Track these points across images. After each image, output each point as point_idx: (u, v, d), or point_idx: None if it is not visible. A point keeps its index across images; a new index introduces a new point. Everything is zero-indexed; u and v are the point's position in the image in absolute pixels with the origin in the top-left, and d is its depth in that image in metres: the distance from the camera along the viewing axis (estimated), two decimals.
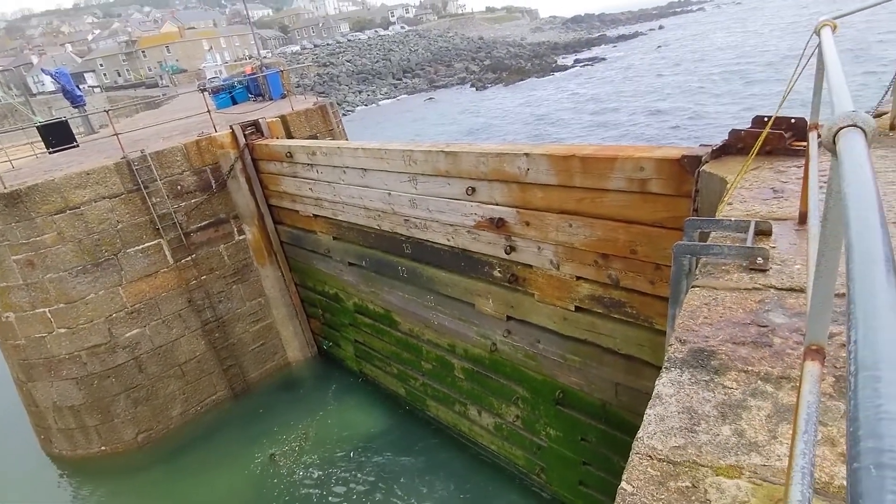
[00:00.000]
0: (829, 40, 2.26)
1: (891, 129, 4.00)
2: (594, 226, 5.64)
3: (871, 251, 0.53)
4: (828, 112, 1.74)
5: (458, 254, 7.68)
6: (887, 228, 0.63)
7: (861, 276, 0.49)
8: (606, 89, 40.27)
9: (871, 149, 0.95)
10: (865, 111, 3.53)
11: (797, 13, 70.13)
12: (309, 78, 73.60)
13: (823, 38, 2.32)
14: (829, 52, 2.00)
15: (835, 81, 1.45)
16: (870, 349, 0.40)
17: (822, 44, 2.25)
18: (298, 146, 10.13)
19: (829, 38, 2.31)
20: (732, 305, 2.23)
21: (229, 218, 11.97)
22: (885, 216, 0.65)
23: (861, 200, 0.71)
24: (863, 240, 0.58)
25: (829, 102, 1.69)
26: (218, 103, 20.95)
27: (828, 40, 2.26)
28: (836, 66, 1.71)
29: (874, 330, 0.45)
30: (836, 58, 1.85)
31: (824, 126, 1.02)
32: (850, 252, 0.57)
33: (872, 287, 0.46)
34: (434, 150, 7.13)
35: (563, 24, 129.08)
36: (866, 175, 0.77)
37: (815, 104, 2.52)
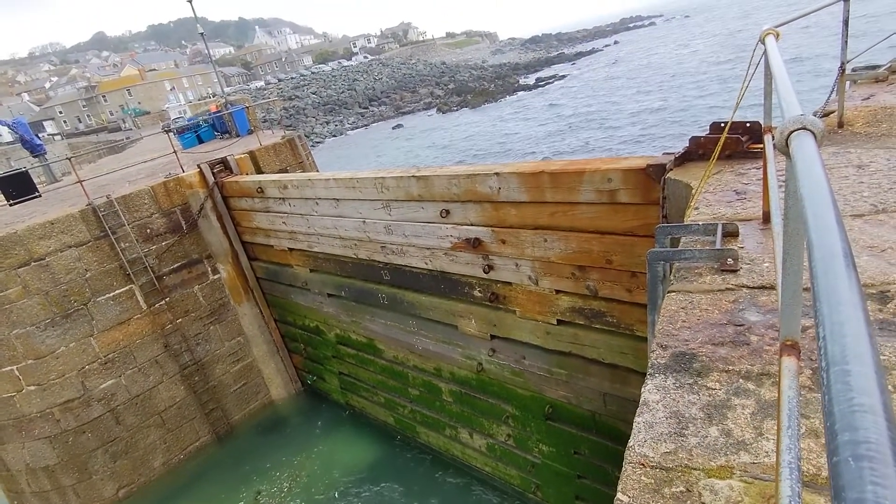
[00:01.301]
0: (773, 47, 2.36)
1: (839, 127, 4.18)
2: (568, 239, 5.71)
3: (831, 248, 0.55)
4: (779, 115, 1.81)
5: (437, 276, 7.68)
6: (843, 225, 0.66)
7: (823, 273, 0.52)
8: (569, 104, 41.20)
9: (821, 148, 0.99)
10: (813, 112, 3.68)
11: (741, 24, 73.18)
12: (275, 112, 73.56)
13: (768, 46, 2.42)
14: (774, 59, 2.10)
15: (782, 87, 1.51)
16: (838, 345, 0.42)
17: (767, 51, 2.35)
18: (269, 181, 10.08)
19: (773, 45, 2.42)
20: (708, 307, 2.28)
21: (202, 258, 11.78)
22: (839, 212, 0.69)
23: (817, 200, 0.74)
24: (822, 237, 0.61)
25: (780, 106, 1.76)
26: (184, 143, 20.76)
27: (772, 47, 2.36)
28: (781, 71, 1.80)
29: (840, 325, 0.47)
30: (781, 63, 1.94)
31: (776, 130, 1.07)
32: (811, 250, 0.59)
33: (835, 284, 0.49)
34: (405, 175, 7.17)
35: (522, 45, 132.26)
36: (819, 175, 0.80)
37: (767, 108, 2.62)
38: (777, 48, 2.41)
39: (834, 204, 0.74)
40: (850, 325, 0.46)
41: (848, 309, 0.45)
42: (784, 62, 2.21)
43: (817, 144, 0.95)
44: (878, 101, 4.68)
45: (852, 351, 0.41)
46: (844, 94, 4.37)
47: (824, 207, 0.67)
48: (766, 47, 2.45)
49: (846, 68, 4.25)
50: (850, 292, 0.47)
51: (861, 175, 3.22)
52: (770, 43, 2.47)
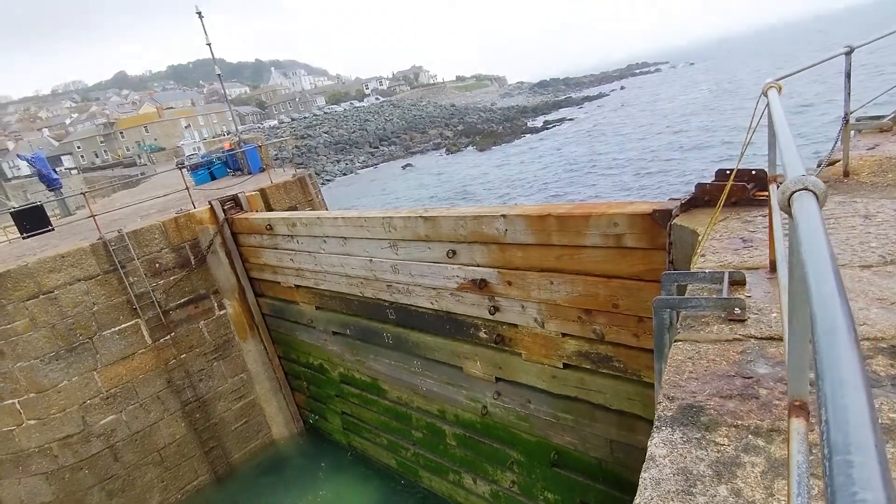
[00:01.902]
0: (775, 100, 2.40)
1: (845, 176, 4.20)
2: (575, 282, 5.69)
3: (833, 323, 0.55)
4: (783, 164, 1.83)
5: (442, 317, 7.64)
6: (846, 296, 0.66)
7: (827, 352, 0.51)
8: (576, 148, 41.77)
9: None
10: (818, 162, 3.71)
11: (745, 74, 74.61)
12: (287, 150, 75.07)
13: (770, 99, 2.46)
14: (776, 112, 2.13)
15: (784, 142, 1.53)
16: (840, 432, 0.41)
17: (769, 104, 2.39)
18: (278, 218, 10.19)
19: (775, 98, 2.46)
20: (716, 358, 2.24)
21: (209, 293, 11.82)
22: (842, 282, 0.68)
23: (819, 268, 0.74)
24: (824, 311, 0.61)
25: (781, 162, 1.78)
26: (197, 179, 21.17)
27: (774, 100, 2.41)
28: (783, 125, 1.82)
29: (843, 409, 0.46)
30: (782, 117, 1.97)
31: (778, 189, 1.08)
32: (814, 324, 0.59)
33: (838, 364, 0.48)
34: (413, 215, 7.23)
35: (530, 89, 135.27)
36: (821, 241, 0.80)
37: (772, 158, 2.64)
38: (779, 101, 2.45)
39: (836, 273, 0.74)
40: (854, 409, 0.45)
41: (851, 392, 0.44)
42: (788, 113, 2.25)
43: (819, 206, 0.96)
44: (884, 150, 4.71)
45: (855, 440, 0.40)
46: (849, 144, 4.41)
47: (826, 276, 0.66)
48: (769, 100, 2.49)
49: (850, 118, 4.30)
50: (853, 374, 0.46)
51: (868, 225, 3.22)
52: (772, 96, 2.52)
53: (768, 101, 2.49)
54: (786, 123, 1.88)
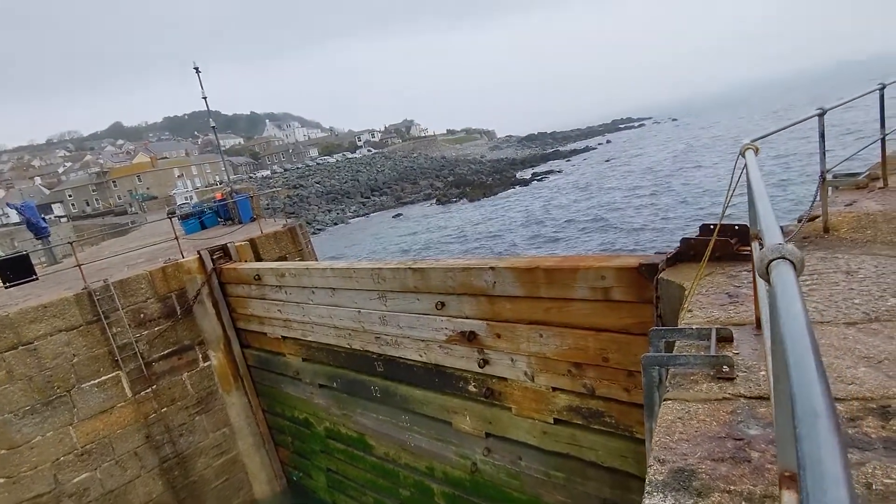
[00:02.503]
0: (752, 162, 2.48)
1: (825, 232, 4.28)
2: (564, 335, 5.66)
3: (814, 410, 0.54)
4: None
5: (431, 370, 7.52)
6: (825, 375, 0.66)
7: (807, 441, 0.51)
8: (563, 200, 42.49)
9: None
10: (799, 218, 3.78)
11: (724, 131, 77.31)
12: (279, 200, 75.69)
13: (748, 160, 2.55)
14: (753, 174, 2.20)
15: (762, 207, 1.57)
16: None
17: (747, 165, 2.47)
18: (267, 268, 10.15)
19: (752, 159, 2.54)
20: (706, 418, 2.21)
21: (194, 344, 11.59)
22: (820, 359, 0.69)
23: (798, 348, 0.74)
24: (803, 390, 0.60)
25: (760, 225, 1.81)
26: (187, 229, 21.15)
27: (752, 162, 2.49)
28: (760, 188, 1.87)
29: (823, 493, 0.45)
30: (759, 180, 2.03)
31: (757, 257, 1.10)
32: (794, 405, 0.59)
33: (819, 456, 0.47)
34: (402, 267, 7.24)
35: (518, 143, 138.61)
36: (799, 315, 0.81)
37: (752, 216, 2.69)
38: (755, 162, 2.53)
39: (815, 351, 0.74)
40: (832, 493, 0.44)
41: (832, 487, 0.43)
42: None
43: (797, 274, 0.98)
44: (861, 207, 4.84)
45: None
46: (828, 200, 4.52)
47: (806, 357, 0.67)
48: (746, 161, 2.57)
49: (827, 176, 4.43)
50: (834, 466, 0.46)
51: (850, 281, 3.26)
52: (750, 157, 2.60)
53: (746, 162, 2.57)
54: (762, 186, 1.94)
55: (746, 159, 2.61)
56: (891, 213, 4.49)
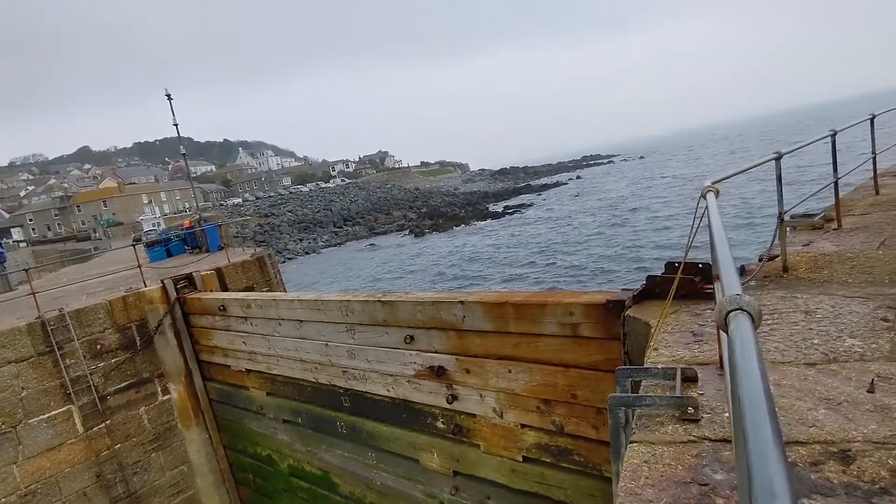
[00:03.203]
0: (713, 205, 2.54)
1: (784, 272, 4.40)
2: (533, 371, 5.62)
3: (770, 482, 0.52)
4: None
5: (399, 405, 7.36)
6: (781, 441, 0.64)
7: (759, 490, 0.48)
8: (534, 233, 43.03)
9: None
10: (760, 256, 3.85)
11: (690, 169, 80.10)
12: (250, 228, 74.70)
13: (709, 203, 2.60)
14: (713, 217, 2.24)
15: (720, 254, 1.59)
16: None
17: (708, 208, 2.52)
18: (232, 299, 9.90)
19: (713, 202, 2.60)
20: (671, 462, 2.19)
21: (153, 377, 11.14)
22: (774, 410, 0.67)
23: (753, 399, 0.73)
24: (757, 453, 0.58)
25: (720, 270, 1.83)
26: (152, 257, 20.62)
27: (712, 205, 2.54)
28: (720, 233, 1.90)
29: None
30: (719, 224, 2.06)
31: (716, 307, 1.10)
32: (750, 478, 0.56)
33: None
34: (371, 299, 7.14)
35: (491, 176, 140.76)
36: (755, 371, 0.80)
37: (714, 258, 2.74)
38: (715, 204, 2.59)
39: (769, 403, 0.73)
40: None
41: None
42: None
43: (754, 327, 0.97)
44: (817, 247, 5.00)
45: None
46: (786, 241, 4.66)
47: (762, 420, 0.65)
48: (707, 203, 2.63)
49: (784, 217, 4.58)
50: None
51: (809, 321, 3.33)
52: (710, 200, 2.66)
53: (707, 204, 2.62)
54: (722, 230, 1.97)
55: (707, 201, 2.66)
56: (845, 253, 4.65)
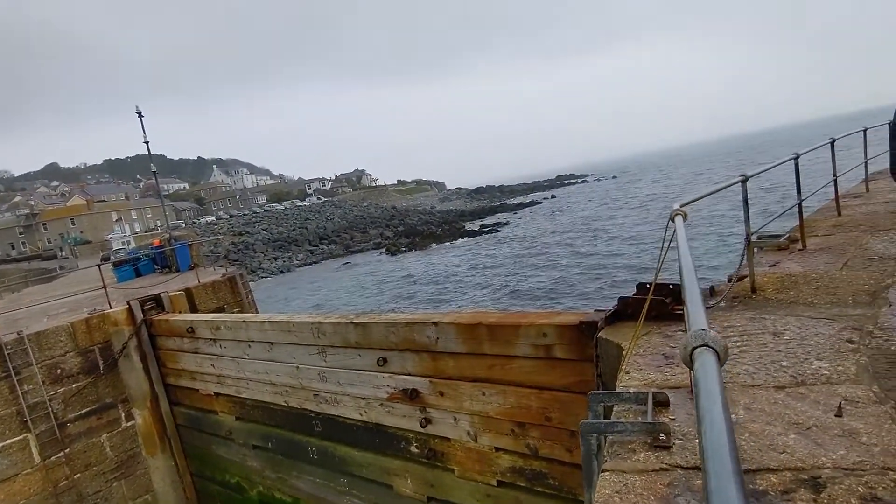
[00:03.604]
0: (681, 228, 2.55)
1: (752, 292, 4.45)
2: (507, 393, 5.56)
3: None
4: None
5: (371, 429, 7.20)
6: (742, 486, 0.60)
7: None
8: (510, 252, 43.25)
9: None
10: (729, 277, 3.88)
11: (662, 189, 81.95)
12: (223, 246, 73.43)
13: (677, 226, 2.61)
14: (681, 241, 2.24)
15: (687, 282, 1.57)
16: None
17: (676, 231, 2.53)
18: (201, 320, 9.64)
19: (681, 225, 2.61)
20: (643, 491, 2.14)
21: (117, 402, 10.74)
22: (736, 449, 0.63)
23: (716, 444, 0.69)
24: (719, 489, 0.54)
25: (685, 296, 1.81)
26: (120, 276, 20.07)
27: (680, 228, 2.55)
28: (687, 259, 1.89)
29: None
30: (686, 250, 2.06)
31: (681, 344, 1.07)
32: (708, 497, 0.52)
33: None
34: (343, 321, 7.02)
35: (468, 195, 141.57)
36: (718, 413, 0.76)
37: (682, 284, 2.74)
38: (683, 227, 2.60)
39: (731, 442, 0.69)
40: None
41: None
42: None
43: (719, 364, 0.94)
44: (784, 268, 5.09)
45: None
46: (753, 261, 4.72)
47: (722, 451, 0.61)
48: (675, 227, 2.63)
49: (752, 238, 4.65)
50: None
51: (777, 343, 3.35)
52: (678, 223, 2.66)
53: (675, 227, 2.63)
54: (689, 257, 1.96)
55: (675, 225, 2.67)
56: (810, 274, 4.74)
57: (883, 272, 4.47)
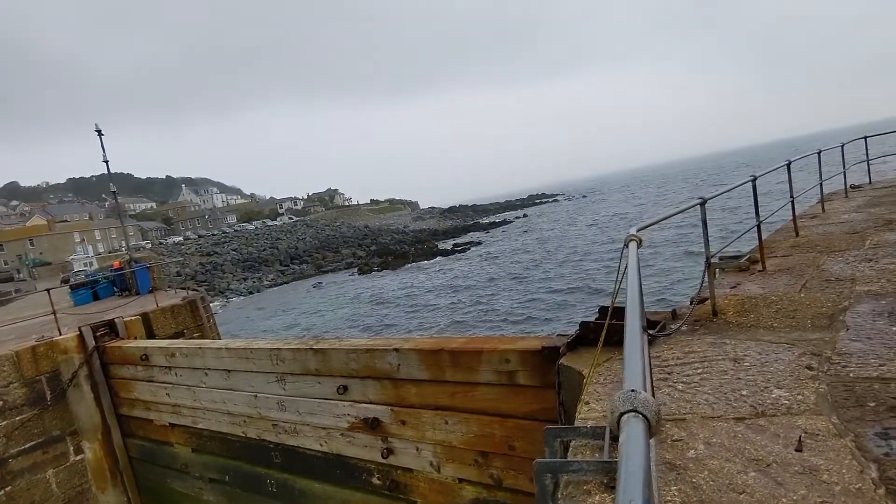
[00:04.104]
0: (633, 255, 2.44)
1: (713, 315, 4.40)
2: (470, 421, 5.37)
3: None
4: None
5: (332, 460, 6.90)
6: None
7: None
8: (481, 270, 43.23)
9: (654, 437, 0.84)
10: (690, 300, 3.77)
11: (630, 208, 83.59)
12: (191, 267, 71.67)
13: (629, 252, 2.51)
14: (631, 271, 2.13)
15: (630, 320, 1.44)
16: None
17: (628, 258, 2.42)
18: (155, 347, 9.22)
19: (634, 252, 2.50)
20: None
21: (65, 435, 10.14)
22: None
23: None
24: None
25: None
26: (77, 300, 19.29)
27: (633, 255, 2.44)
28: (634, 292, 1.77)
29: None
30: (636, 281, 1.94)
31: (608, 408, 0.93)
32: None
33: None
34: (302, 347, 6.75)
35: (441, 214, 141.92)
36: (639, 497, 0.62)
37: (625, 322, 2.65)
38: (636, 254, 2.49)
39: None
40: None
41: None
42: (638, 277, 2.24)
43: (648, 433, 0.80)
44: (744, 290, 5.07)
45: None
46: (714, 284, 4.69)
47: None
48: (628, 253, 2.53)
49: (711, 261, 4.61)
50: None
51: (738, 370, 3.27)
52: (632, 249, 2.56)
53: (628, 253, 2.53)
54: (637, 287, 1.85)
55: (629, 250, 2.57)
56: (770, 296, 4.72)
57: (840, 294, 4.47)
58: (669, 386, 3.23)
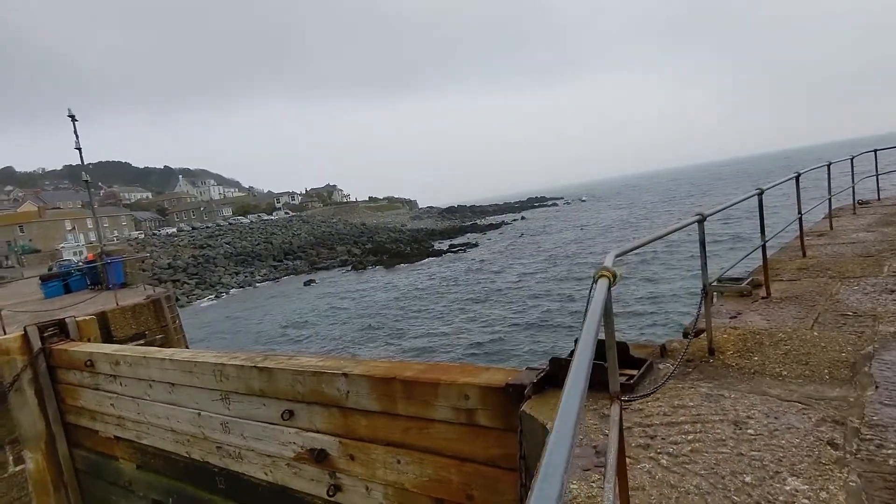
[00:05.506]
0: (600, 294, 1.76)
1: (710, 355, 3.68)
2: (424, 462, 4.63)
3: None
4: None
5: (277, 492, 6.14)
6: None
7: None
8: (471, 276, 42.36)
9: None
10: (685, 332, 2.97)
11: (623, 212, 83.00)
12: (182, 259, 70.71)
13: (597, 289, 1.82)
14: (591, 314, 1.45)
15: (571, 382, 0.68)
16: None
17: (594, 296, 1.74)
18: (100, 353, 8.46)
19: (602, 290, 1.81)
20: None
21: (4, 443, 9.40)
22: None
23: None
24: None
25: None
26: (47, 292, 18.53)
27: (599, 294, 1.76)
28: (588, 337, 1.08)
29: None
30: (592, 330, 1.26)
31: None
32: None
33: None
34: (247, 364, 6.01)
35: (439, 214, 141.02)
36: None
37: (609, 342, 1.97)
38: (604, 294, 1.80)
39: None
40: None
41: None
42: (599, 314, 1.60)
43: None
44: (747, 321, 4.34)
45: None
46: (711, 314, 3.97)
47: None
48: (595, 292, 1.83)
49: (709, 289, 3.89)
50: None
51: (739, 440, 2.54)
52: (600, 287, 1.85)
53: (594, 293, 1.82)
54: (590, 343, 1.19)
55: (596, 288, 1.85)
56: (776, 332, 3.99)
57: (860, 334, 3.75)
58: (652, 459, 2.50)
